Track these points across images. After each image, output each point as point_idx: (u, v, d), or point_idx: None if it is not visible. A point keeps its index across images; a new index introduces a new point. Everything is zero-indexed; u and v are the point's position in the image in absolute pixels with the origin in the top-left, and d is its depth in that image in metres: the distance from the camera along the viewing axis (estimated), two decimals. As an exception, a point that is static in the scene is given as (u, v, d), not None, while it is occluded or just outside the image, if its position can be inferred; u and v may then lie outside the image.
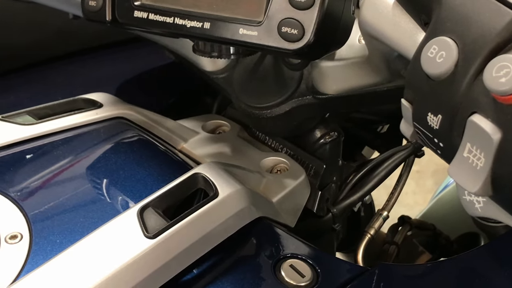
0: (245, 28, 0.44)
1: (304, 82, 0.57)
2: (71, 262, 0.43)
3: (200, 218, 0.46)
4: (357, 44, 0.51)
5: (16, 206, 0.50)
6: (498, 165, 0.31)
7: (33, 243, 0.46)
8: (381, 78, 0.51)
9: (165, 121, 0.67)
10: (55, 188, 0.53)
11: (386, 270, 0.50)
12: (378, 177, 0.65)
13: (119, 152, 0.60)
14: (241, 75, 0.62)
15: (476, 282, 0.48)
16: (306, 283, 0.46)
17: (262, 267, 0.48)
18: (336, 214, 0.63)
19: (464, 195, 0.40)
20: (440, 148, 0.36)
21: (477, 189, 0.33)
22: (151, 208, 0.47)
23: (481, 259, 0.51)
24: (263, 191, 0.56)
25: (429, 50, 0.34)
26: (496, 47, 0.32)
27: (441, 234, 0.86)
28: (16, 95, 0.86)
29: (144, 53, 0.93)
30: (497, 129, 0.31)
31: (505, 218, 0.37)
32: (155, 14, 0.47)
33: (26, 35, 0.90)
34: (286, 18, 0.42)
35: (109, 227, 0.45)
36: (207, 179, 0.50)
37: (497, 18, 0.32)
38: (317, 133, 0.63)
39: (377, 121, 0.84)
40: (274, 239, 0.51)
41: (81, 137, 0.61)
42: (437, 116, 0.35)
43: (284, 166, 0.61)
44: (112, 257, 0.43)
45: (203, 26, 0.45)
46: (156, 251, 0.43)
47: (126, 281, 0.42)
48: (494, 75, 0.30)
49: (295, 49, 0.42)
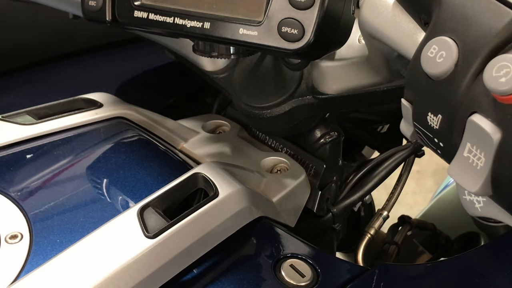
0: (245, 28, 0.44)
1: (304, 82, 0.57)
2: (71, 262, 0.43)
3: (200, 218, 0.46)
4: (357, 44, 0.51)
5: (16, 206, 0.50)
6: (498, 165, 0.31)
7: (33, 243, 0.46)
8: (381, 78, 0.51)
9: (165, 121, 0.67)
10: (55, 188, 0.53)
11: (386, 270, 0.50)
12: (378, 177, 0.65)
13: (119, 152, 0.60)
14: (241, 75, 0.62)
15: (476, 282, 0.48)
16: (306, 283, 0.46)
17: (262, 267, 0.48)
18: (336, 214, 0.63)
19: (464, 194, 0.40)
20: (440, 148, 0.36)
21: (477, 189, 0.33)
22: (151, 208, 0.47)
23: (481, 259, 0.51)
24: (263, 191, 0.56)
25: (429, 50, 0.34)
26: (496, 47, 0.32)
27: (441, 234, 0.86)
28: (16, 95, 0.86)
29: (144, 53, 0.93)
30: (497, 129, 0.31)
31: (505, 217, 0.37)
32: (155, 14, 0.47)
33: (26, 35, 0.90)
34: (286, 18, 0.42)
35: (109, 227, 0.45)
36: (207, 179, 0.50)
37: (497, 18, 0.32)
38: (317, 133, 0.63)
39: (377, 121, 0.84)
40: (274, 239, 0.51)
41: (81, 137, 0.61)
42: (437, 116, 0.35)
43: (284, 166, 0.61)
44: (112, 257, 0.43)
45: (203, 26, 0.45)
46: (156, 251, 0.43)
47: (126, 281, 0.42)
48: (494, 75, 0.30)
49: (295, 49, 0.42)
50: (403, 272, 0.52)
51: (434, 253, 0.83)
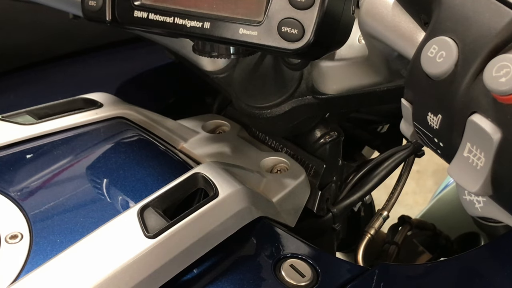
0: (245, 28, 0.44)
1: (304, 82, 0.57)
2: (71, 262, 0.43)
3: (200, 218, 0.46)
4: (357, 44, 0.51)
5: (16, 206, 0.50)
6: (498, 165, 0.31)
7: (33, 243, 0.46)
8: (381, 78, 0.51)
9: (165, 121, 0.67)
10: (55, 188, 0.53)
11: (386, 270, 0.50)
12: (378, 177, 0.65)
13: (119, 152, 0.60)
14: (241, 75, 0.62)
15: (476, 282, 0.48)
16: (306, 283, 0.46)
17: (262, 267, 0.48)
18: (336, 214, 0.63)
19: (464, 194, 0.40)
20: (440, 148, 0.36)
21: (477, 189, 0.33)
22: (151, 208, 0.47)
23: (481, 259, 0.51)
24: (263, 191, 0.56)
25: (429, 50, 0.34)
26: (496, 47, 0.32)
27: (441, 234, 0.86)
28: (16, 95, 0.86)
29: (144, 53, 0.93)
30: (497, 129, 0.31)
31: (505, 217, 0.37)
32: (155, 14, 0.47)
33: (26, 35, 0.90)
34: (286, 18, 0.42)
35: (109, 227, 0.45)
36: (207, 179, 0.50)
37: (497, 18, 0.32)
38: (317, 133, 0.63)
39: (377, 121, 0.84)
40: (274, 239, 0.51)
41: (81, 137, 0.61)
42: (437, 116, 0.35)
43: (284, 166, 0.61)
44: (112, 257, 0.43)
45: (203, 26, 0.45)
46: (156, 251, 0.43)
47: (126, 281, 0.42)
48: (494, 74, 0.30)
49: (295, 49, 0.42)
50: (403, 272, 0.52)
51: (434, 253, 0.83)
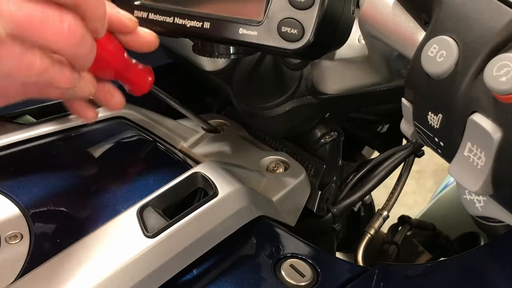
0: (245, 28, 0.44)
1: (304, 82, 0.57)
2: (71, 262, 0.43)
3: (199, 217, 0.46)
4: (357, 44, 0.51)
5: (16, 206, 0.50)
6: (498, 164, 0.31)
7: (33, 243, 0.46)
8: (381, 78, 0.51)
9: (165, 120, 0.67)
10: (55, 188, 0.53)
11: (386, 270, 0.50)
12: (378, 177, 0.65)
13: (119, 152, 0.60)
14: (241, 75, 0.62)
15: (476, 282, 0.48)
16: (306, 283, 0.46)
17: (262, 266, 0.48)
18: (336, 214, 0.63)
19: (465, 194, 0.40)
20: (440, 147, 0.36)
21: (477, 188, 0.33)
22: (150, 208, 0.47)
23: (481, 259, 0.51)
24: (263, 190, 0.56)
25: (430, 50, 0.34)
26: (497, 46, 0.32)
27: (441, 234, 0.86)
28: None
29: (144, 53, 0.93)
30: (498, 128, 0.31)
31: (505, 217, 0.38)
32: (155, 14, 0.47)
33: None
34: (286, 18, 0.42)
35: (109, 226, 0.45)
36: (207, 178, 0.50)
37: (497, 17, 0.32)
38: (317, 133, 0.63)
39: (377, 121, 0.84)
40: (274, 239, 0.51)
41: (81, 137, 0.61)
42: (437, 115, 0.35)
43: (284, 165, 0.61)
44: (112, 256, 0.43)
45: (203, 26, 0.45)
46: (155, 251, 0.43)
47: (126, 280, 0.42)
48: (495, 74, 0.30)
49: (295, 49, 0.42)
50: (403, 272, 0.52)
51: (434, 253, 0.83)
